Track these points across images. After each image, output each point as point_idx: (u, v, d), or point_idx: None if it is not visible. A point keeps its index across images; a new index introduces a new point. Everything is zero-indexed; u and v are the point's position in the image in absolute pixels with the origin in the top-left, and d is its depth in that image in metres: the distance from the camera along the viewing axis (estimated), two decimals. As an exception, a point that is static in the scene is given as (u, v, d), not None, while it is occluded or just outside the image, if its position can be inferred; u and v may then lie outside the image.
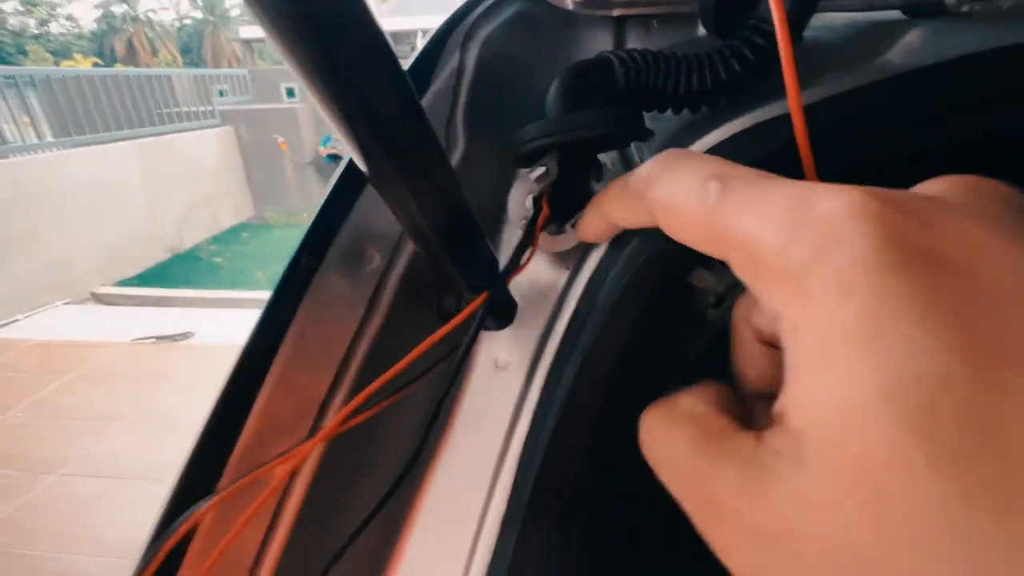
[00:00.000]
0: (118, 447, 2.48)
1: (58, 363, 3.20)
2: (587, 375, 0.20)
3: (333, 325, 0.23)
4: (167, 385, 3.02)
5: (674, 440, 0.14)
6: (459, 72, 0.26)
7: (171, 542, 0.16)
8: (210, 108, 6.76)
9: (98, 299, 4.54)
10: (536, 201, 0.24)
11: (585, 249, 0.26)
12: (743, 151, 0.22)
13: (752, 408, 0.16)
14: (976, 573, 0.09)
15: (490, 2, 0.27)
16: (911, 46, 0.23)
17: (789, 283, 0.12)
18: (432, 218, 0.18)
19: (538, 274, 0.27)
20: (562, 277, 0.26)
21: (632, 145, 0.28)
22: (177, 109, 6.32)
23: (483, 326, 0.20)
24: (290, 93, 7.15)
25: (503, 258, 0.26)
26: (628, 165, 0.28)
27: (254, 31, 17.48)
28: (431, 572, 0.24)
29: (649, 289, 0.21)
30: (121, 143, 5.26)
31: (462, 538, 0.25)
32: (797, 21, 0.21)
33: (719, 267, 0.25)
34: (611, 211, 0.20)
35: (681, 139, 0.25)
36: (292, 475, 0.20)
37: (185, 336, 3.76)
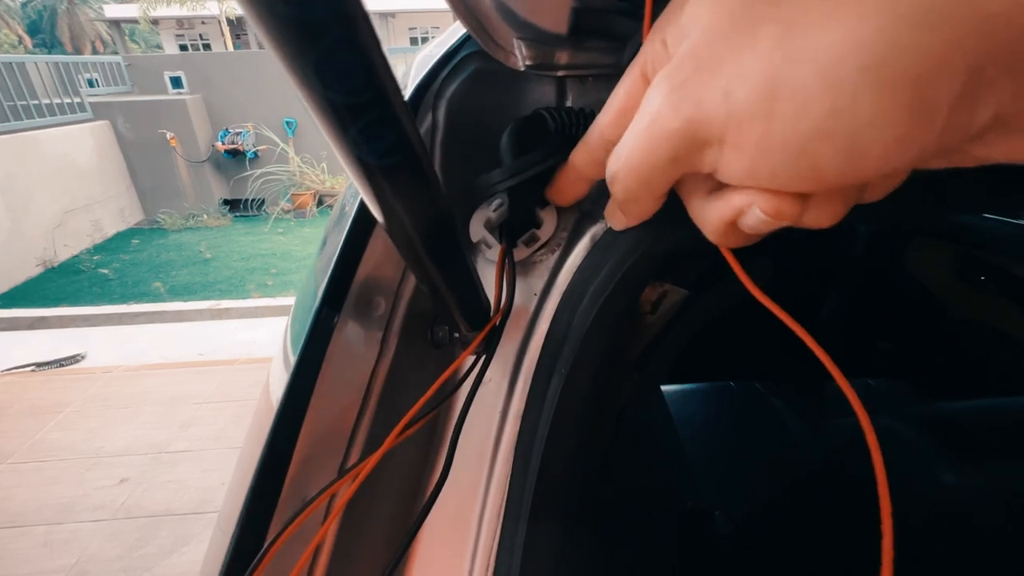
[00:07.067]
0: (6, 491, 2.19)
1: (-89, 404, 2.75)
2: (574, 382, 0.26)
3: (354, 366, 0.26)
4: (61, 416, 2.69)
5: None
6: (432, 129, 0.30)
7: (277, 545, 0.19)
8: (78, 100, 5.94)
9: (-47, 326, 3.90)
10: (494, 234, 0.29)
11: (548, 283, 0.31)
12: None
13: None
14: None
15: (454, 62, 0.31)
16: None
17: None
18: (439, 265, 0.22)
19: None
20: (531, 304, 0.31)
21: None
22: (35, 101, 5.48)
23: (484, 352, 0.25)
24: (176, 83, 6.44)
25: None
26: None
27: (122, 10, 15.11)
28: (440, 564, 0.29)
29: (614, 309, 0.26)
30: (-39, 142, 4.51)
31: (464, 534, 0.29)
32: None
33: (655, 283, 0.32)
34: (577, 160, 0.26)
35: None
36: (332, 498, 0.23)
37: (74, 360, 3.35)
